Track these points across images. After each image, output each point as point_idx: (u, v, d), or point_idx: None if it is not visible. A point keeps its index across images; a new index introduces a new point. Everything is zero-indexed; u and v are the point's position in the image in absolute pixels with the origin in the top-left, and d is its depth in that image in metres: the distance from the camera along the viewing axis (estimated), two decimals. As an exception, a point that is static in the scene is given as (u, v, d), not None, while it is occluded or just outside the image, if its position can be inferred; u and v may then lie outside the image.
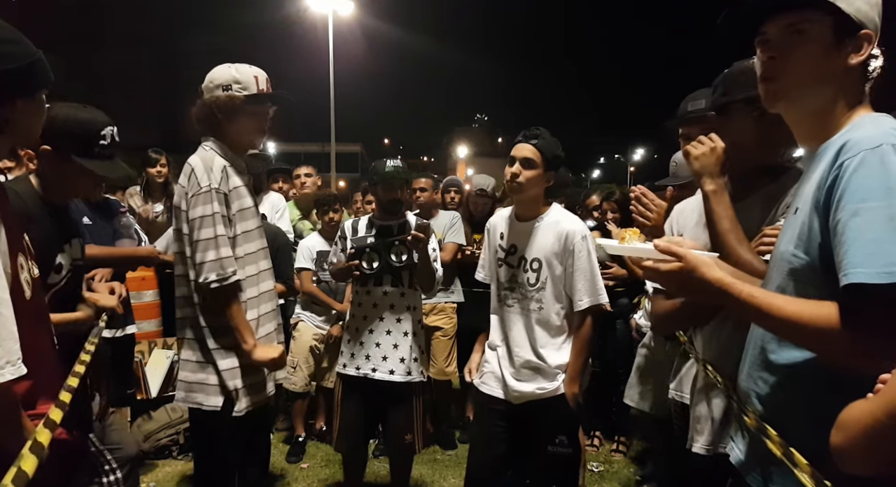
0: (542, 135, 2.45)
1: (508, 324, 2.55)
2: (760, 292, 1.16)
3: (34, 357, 1.29)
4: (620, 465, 3.91)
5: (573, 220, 2.51)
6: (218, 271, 2.12)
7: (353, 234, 3.12)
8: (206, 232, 2.13)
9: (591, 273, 2.45)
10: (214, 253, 2.12)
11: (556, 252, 2.46)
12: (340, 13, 20.07)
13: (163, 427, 3.84)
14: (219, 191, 2.16)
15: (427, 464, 3.88)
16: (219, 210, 2.15)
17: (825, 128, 1.21)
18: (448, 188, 4.75)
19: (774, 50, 1.25)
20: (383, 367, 2.95)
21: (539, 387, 2.48)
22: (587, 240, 2.45)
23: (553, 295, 2.47)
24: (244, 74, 2.24)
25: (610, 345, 4.01)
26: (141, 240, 3.36)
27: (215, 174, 2.17)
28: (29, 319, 1.30)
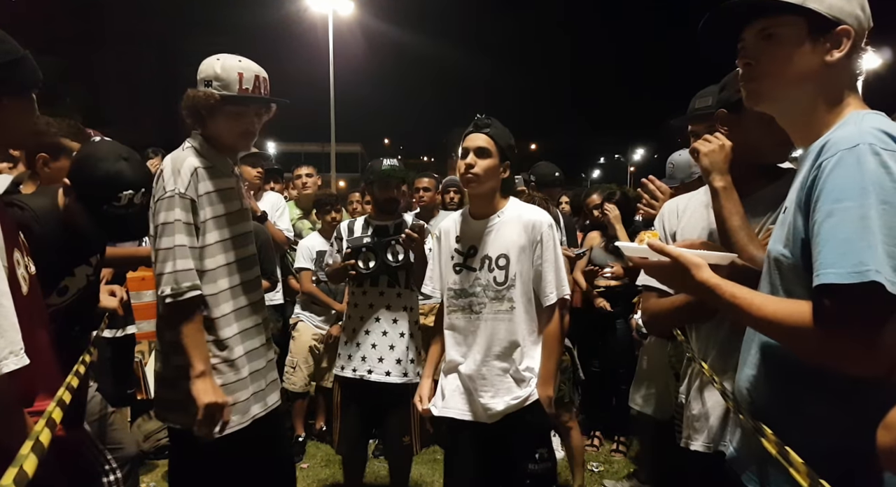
0: (494, 124, 2.31)
1: (473, 335, 2.31)
2: (743, 292, 1.17)
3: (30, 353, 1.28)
4: (620, 465, 3.91)
5: (536, 211, 2.37)
6: (172, 285, 1.92)
7: (350, 235, 3.11)
8: (165, 240, 1.94)
9: (558, 264, 2.30)
10: (171, 265, 1.93)
11: (522, 245, 2.28)
12: (340, 13, 20.09)
13: (163, 428, 3.84)
14: (183, 196, 1.95)
15: (427, 464, 3.88)
16: (180, 217, 1.94)
17: (814, 128, 1.21)
18: (448, 188, 4.74)
19: (749, 56, 1.26)
20: (379, 369, 2.94)
21: (513, 397, 2.26)
22: (554, 230, 2.32)
23: (523, 291, 2.29)
24: (228, 71, 2.04)
25: (610, 345, 4.01)
26: (141, 240, 3.35)
27: (182, 177, 1.96)
28: (25, 315, 1.29)
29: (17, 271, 1.33)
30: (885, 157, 1.03)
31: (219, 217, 2.06)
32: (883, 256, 0.99)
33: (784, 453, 1.14)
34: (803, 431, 1.15)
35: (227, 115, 2.06)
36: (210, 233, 2.04)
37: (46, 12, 27.81)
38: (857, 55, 1.21)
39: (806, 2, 1.17)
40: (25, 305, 1.31)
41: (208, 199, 2.03)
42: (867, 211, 1.01)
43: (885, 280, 0.98)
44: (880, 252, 0.99)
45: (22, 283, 1.34)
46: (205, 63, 2.08)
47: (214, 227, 2.04)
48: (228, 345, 2.06)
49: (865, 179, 1.03)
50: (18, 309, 1.24)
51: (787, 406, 1.21)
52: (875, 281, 0.98)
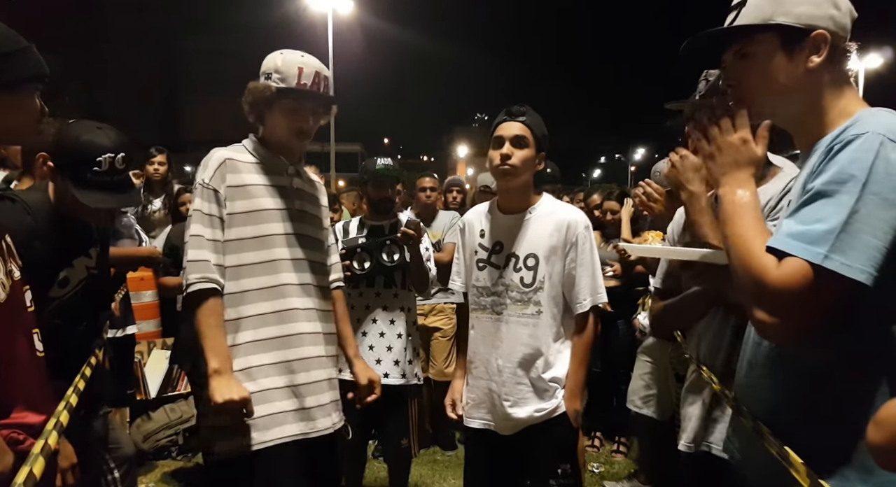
0: (529, 112, 2.15)
1: (495, 337, 2.17)
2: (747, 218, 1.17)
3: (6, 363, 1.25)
4: (621, 466, 3.91)
5: (572, 210, 2.22)
6: (188, 275, 1.84)
7: (345, 236, 3.09)
8: (189, 229, 1.89)
9: (594, 268, 2.14)
10: (187, 256, 1.86)
11: (554, 245, 2.13)
12: (340, 12, 20.08)
13: (162, 428, 3.84)
14: (206, 186, 1.89)
15: (427, 465, 3.87)
16: (200, 207, 1.88)
17: (814, 130, 1.20)
18: (450, 187, 4.75)
19: (730, 78, 1.27)
20: (377, 370, 2.89)
21: (537, 409, 2.12)
22: (590, 231, 2.16)
23: (552, 295, 2.13)
24: (288, 64, 1.96)
25: (611, 346, 4.01)
26: (141, 240, 3.36)
27: (209, 168, 1.92)
28: (4, 322, 1.26)
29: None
30: (890, 148, 1.03)
31: (252, 213, 1.92)
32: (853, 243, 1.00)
33: (784, 453, 1.14)
34: (804, 429, 1.15)
35: (282, 110, 1.96)
36: (239, 227, 1.90)
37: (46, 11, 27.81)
38: (843, 55, 1.20)
39: (773, 17, 1.18)
40: (2, 313, 1.26)
41: (243, 192, 1.92)
42: (851, 198, 1.02)
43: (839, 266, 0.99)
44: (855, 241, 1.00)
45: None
46: (268, 57, 2.00)
47: (243, 223, 1.91)
48: (247, 352, 1.87)
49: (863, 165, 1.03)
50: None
51: (787, 404, 1.20)
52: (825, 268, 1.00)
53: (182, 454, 3.85)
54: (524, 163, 2.10)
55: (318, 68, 2.00)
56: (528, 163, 2.11)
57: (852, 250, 1.00)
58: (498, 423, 2.18)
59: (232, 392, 1.74)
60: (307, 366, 1.95)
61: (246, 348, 1.87)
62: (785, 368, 1.20)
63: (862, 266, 1.00)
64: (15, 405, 1.33)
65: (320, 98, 2.03)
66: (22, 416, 1.34)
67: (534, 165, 2.14)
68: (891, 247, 1.01)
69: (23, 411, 1.34)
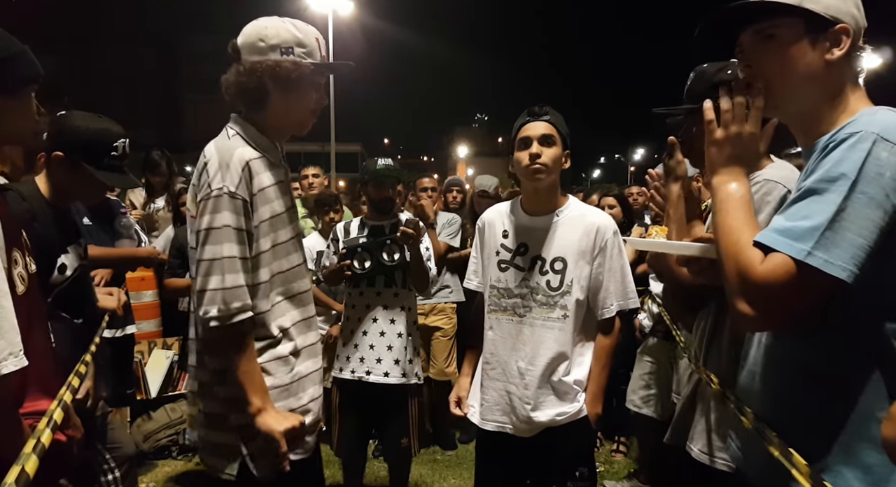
0: (552, 111, 2.13)
1: (517, 340, 2.12)
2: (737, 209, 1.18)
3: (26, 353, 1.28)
4: (621, 465, 3.91)
5: (600, 214, 2.19)
6: (219, 305, 1.54)
7: (346, 236, 3.10)
8: (209, 250, 1.56)
9: (623, 273, 2.13)
10: (217, 281, 1.55)
11: (583, 249, 2.09)
12: (340, 13, 20.09)
13: (162, 428, 3.84)
14: (234, 196, 1.58)
15: (427, 465, 3.88)
16: (230, 222, 1.57)
17: (818, 126, 1.21)
18: (450, 187, 4.76)
19: (749, 58, 1.25)
20: (378, 370, 2.92)
21: (559, 413, 2.08)
22: (618, 237, 2.14)
23: (579, 299, 2.09)
24: (308, 35, 1.68)
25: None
26: (141, 240, 3.36)
27: (232, 173, 1.59)
28: (22, 314, 1.29)
29: (15, 270, 1.33)
30: (881, 148, 1.04)
31: (276, 217, 1.68)
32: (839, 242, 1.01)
33: (787, 454, 1.14)
34: (809, 429, 1.15)
35: (306, 89, 1.70)
36: (266, 237, 1.66)
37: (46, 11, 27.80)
38: (857, 53, 1.21)
39: (803, 2, 1.17)
40: (21, 305, 1.30)
41: (264, 197, 1.65)
42: (839, 196, 1.02)
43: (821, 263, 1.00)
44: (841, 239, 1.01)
45: (18, 283, 1.33)
46: (270, 27, 1.66)
47: (270, 230, 1.67)
48: (290, 367, 1.71)
49: (846, 165, 1.04)
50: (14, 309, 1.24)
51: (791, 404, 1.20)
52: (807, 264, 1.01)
53: (183, 453, 3.85)
54: (554, 161, 2.08)
55: (321, 37, 1.77)
56: (557, 162, 2.09)
57: (836, 248, 1.01)
58: (517, 426, 2.13)
59: (289, 420, 1.62)
60: (320, 376, 1.85)
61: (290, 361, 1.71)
62: (785, 366, 1.21)
63: (844, 264, 1.00)
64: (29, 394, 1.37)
65: (347, 66, 1.85)
66: (35, 404, 1.38)
67: (561, 163, 2.12)
68: (875, 246, 1.01)
69: (38, 398, 1.40)
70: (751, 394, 1.31)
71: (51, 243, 1.87)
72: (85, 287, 2.12)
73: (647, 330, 3.44)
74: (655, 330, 3.33)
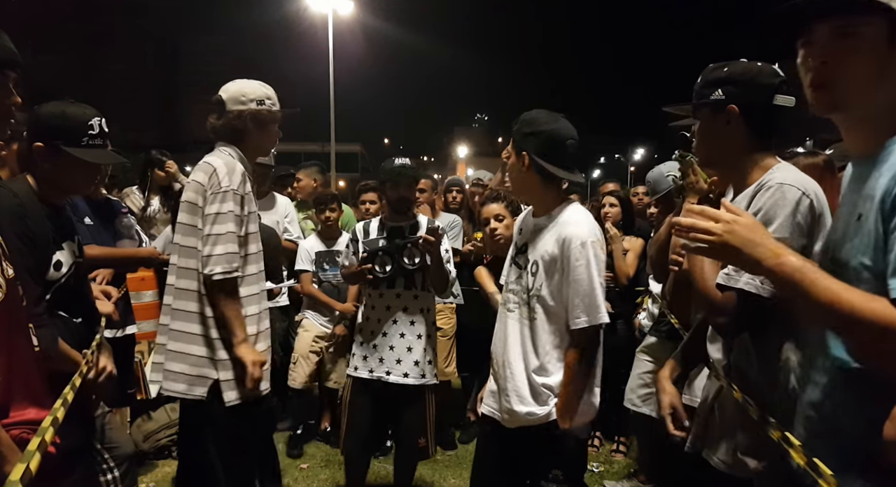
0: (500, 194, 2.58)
1: (507, 332, 2.24)
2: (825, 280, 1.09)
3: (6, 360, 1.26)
4: (620, 465, 3.91)
5: (579, 223, 2.13)
6: (223, 265, 2.22)
7: (365, 237, 3.09)
8: (219, 227, 2.25)
9: (590, 287, 2.07)
10: (223, 248, 2.24)
11: (553, 257, 2.12)
12: (340, 13, 20.07)
13: (162, 428, 3.84)
14: (236, 193, 2.29)
15: (427, 464, 3.87)
16: (233, 209, 2.27)
17: (884, 132, 1.15)
18: (450, 188, 4.76)
19: (826, 54, 1.18)
20: (397, 370, 2.94)
21: (528, 412, 2.14)
22: (588, 249, 2.07)
23: (546, 305, 2.13)
24: (270, 91, 2.46)
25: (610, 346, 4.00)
26: (141, 240, 3.36)
27: (236, 177, 2.30)
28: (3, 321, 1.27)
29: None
30: None
31: (251, 213, 2.40)
32: None
33: (813, 464, 1.13)
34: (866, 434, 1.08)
35: (273, 125, 2.48)
36: (249, 225, 2.38)
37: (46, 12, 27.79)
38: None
39: (891, 2, 1.12)
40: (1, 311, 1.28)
41: (249, 198, 2.37)
42: None
43: None
44: None
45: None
46: (248, 87, 2.41)
47: (250, 221, 2.39)
48: (253, 322, 2.37)
49: None
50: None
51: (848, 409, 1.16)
52: None
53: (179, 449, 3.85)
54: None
55: None
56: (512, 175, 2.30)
57: None
58: (502, 416, 2.23)
59: (260, 355, 2.30)
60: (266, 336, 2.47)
61: (253, 319, 2.37)
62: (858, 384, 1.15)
63: None
64: (15, 400, 1.34)
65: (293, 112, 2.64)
66: (22, 413, 1.35)
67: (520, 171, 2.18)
68: None
69: (24, 407, 1.36)
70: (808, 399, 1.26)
71: (45, 240, 1.85)
72: (83, 285, 2.11)
73: (646, 329, 3.44)
74: (655, 330, 3.33)
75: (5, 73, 1.42)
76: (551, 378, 2.14)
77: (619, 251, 3.89)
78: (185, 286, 2.30)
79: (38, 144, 1.92)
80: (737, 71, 1.68)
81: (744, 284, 1.52)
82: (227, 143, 2.40)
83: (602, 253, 2.12)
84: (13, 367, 1.29)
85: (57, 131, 1.93)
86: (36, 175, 1.96)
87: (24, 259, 1.64)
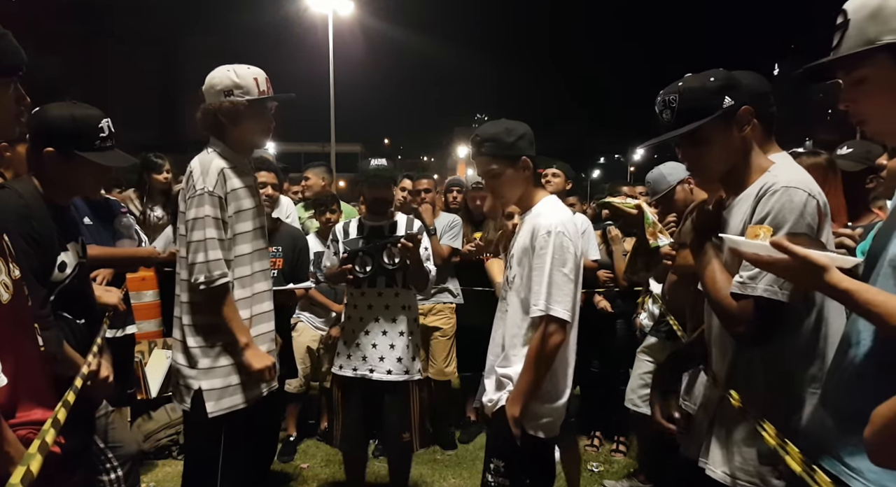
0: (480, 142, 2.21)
1: (495, 326, 2.32)
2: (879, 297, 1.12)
3: (13, 361, 1.26)
4: (620, 465, 3.91)
5: (551, 214, 2.14)
6: (205, 273, 2.16)
7: (345, 237, 3.14)
8: (197, 233, 2.17)
9: (549, 276, 2.04)
10: (203, 256, 2.16)
11: (524, 247, 2.14)
12: (340, 13, 20.05)
13: (163, 427, 3.84)
14: (212, 194, 2.19)
15: (427, 464, 3.88)
16: (210, 213, 2.18)
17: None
18: (451, 187, 4.76)
19: (847, 100, 1.27)
20: (381, 367, 2.97)
21: (489, 399, 2.21)
22: (552, 237, 2.06)
23: (516, 296, 2.16)
24: (244, 78, 2.25)
25: (610, 346, 4.01)
26: (141, 240, 3.36)
27: (210, 177, 2.20)
28: (6, 323, 1.27)
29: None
30: None
31: (244, 211, 2.29)
32: None
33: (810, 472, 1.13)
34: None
35: (251, 117, 2.27)
36: (237, 224, 2.26)
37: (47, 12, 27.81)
38: None
39: (879, 37, 1.17)
40: (7, 313, 1.28)
41: (234, 196, 2.26)
42: None
43: None
44: None
45: (2, 291, 1.30)
46: (217, 76, 2.25)
47: (240, 220, 2.27)
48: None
49: None
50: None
51: None
52: None
53: (183, 454, 3.85)
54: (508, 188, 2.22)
55: (263, 74, 2.31)
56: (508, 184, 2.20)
57: None
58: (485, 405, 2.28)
59: (266, 360, 2.25)
60: (270, 338, 2.41)
61: (247, 323, 2.28)
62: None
63: None
64: (20, 403, 1.34)
65: (283, 98, 2.37)
66: (28, 413, 1.35)
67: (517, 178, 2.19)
68: None
69: (30, 407, 1.36)
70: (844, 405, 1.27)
71: (50, 240, 1.85)
72: (86, 286, 2.11)
73: (647, 329, 3.44)
74: (655, 330, 3.34)
75: (16, 75, 1.40)
76: (511, 368, 2.15)
77: (620, 252, 3.90)
78: (178, 292, 2.30)
79: (48, 149, 1.91)
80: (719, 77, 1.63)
81: (762, 291, 1.48)
82: (215, 138, 2.31)
83: (571, 246, 2.08)
84: (20, 368, 1.29)
85: (69, 136, 1.92)
86: (42, 177, 1.95)
87: (29, 260, 1.64)
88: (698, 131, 1.60)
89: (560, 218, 2.13)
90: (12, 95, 1.41)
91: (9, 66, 1.38)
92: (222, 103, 2.23)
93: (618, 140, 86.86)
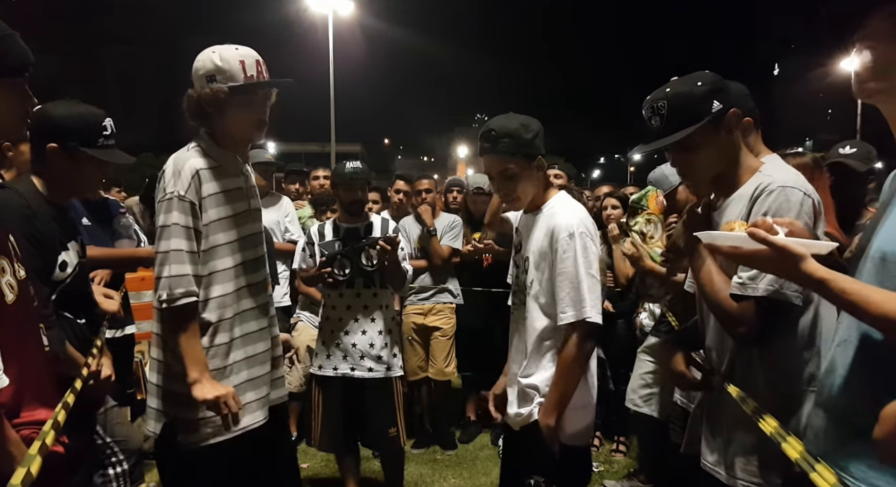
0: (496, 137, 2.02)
1: (511, 332, 2.21)
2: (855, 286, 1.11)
3: (18, 361, 1.26)
4: (620, 465, 3.91)
5: (567, 213, 2.04)
6: (166, 290, 1.86)
7: (320, 239, 3.16)
8: (162, 243, 1.88)
9: (577, 280, 1.95)
10: (167, 270, 1.86)
11: (543, 250, 2.04)
12: (340, 13, 20.07)
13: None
14: (183, 199, 1.88)
15: (427, 464, 3.88)
16: (178, 220, 1.87)
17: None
18: (451, 188, 4.76)
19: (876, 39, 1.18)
20: (362, 366, 3.02)
21: (517, 413, 2.10)
22: (576, 240, 1.97)
23: (537, 301, 2.05)
24: (228, 61, 1.93)
25: (611, 345, 4.01)
26: (140, 240, 3.36)
27: (183, 179, 1.90)
28: (11, 323, 1.27)
29: (2, 280, 1.30)
30: None
31: (226, 219, 1.98)
32: None
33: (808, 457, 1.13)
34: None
35: (237, 107, 1.95)
36: (216, 235, 1.96)
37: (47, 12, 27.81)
38: None
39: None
40: (11, 314, 1.28)
41: (214, 201, 1.95)
42: None
43: None
44: None
45: (7, 292, 1.30)
46: (200, 59, 1.97)
47: (221, 229, 1.97)
48: (223, 352, 1.99)
49: None
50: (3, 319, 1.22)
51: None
52: None
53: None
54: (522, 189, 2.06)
55: (255, 56, 1.98)
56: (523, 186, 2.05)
57: None
58: (507, 415, 2.18)
59: (216, 390, 1.86)
60: (268, 357, 2.12)
61: (227, 347, 2.00)
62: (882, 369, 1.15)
63: None
64: (24, 403, 1.34)
65: (273, 84, 2.03)
66: (32, 413, 1.35)
67: (532, 180, 2.06)
68: None
69: (34, 407, 1.37)
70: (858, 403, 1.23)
71: (51, 240, 1.86)
72: (86, 286, 2.12)
73: (647, 329, 3.44)
74: (656, 330, 3.33)
75: (23, 76, 1.40)
76: (535, 377, 2.06)
77: (620, 252, 3.89)
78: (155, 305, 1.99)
79: (52, 145, 1.92)
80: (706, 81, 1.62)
81: (764, 291, 1.47)
82: (203, 131, 2.02)
83: (593, 246, 2.01)
84: (25, 368, 1.29)
85: (73, 132, 1.94)
86: (45, 175, 1.96)
87: (31, 260, 1.65)
88: (689, 137, 1.58)
89: (578, 216, 2.04)
90: (19, 96, 1.41)
91: (16, 67, 1.38)
92: (202, 91, 1.94)
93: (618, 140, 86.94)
